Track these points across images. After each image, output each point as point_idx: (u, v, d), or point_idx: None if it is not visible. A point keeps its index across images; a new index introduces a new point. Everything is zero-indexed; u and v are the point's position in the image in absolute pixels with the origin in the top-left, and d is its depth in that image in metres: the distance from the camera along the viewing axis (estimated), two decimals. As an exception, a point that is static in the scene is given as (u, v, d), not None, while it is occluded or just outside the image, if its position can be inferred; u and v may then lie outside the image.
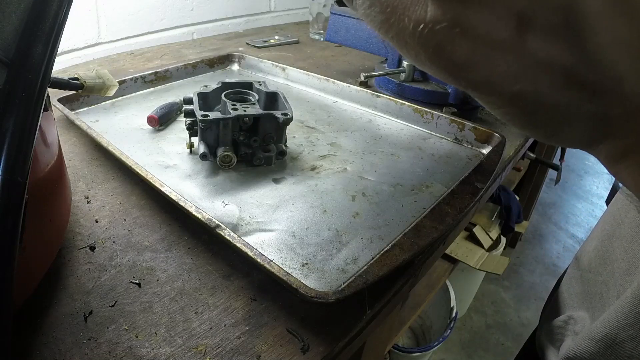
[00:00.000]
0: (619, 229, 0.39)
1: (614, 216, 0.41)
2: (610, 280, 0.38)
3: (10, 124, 0.23)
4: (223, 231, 0.38)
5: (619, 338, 0.33)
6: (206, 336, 0.32)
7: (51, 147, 0.35)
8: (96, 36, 0.90)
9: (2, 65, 0.24)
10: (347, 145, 0.60)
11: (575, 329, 0.41)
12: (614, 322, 0.33)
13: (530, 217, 1.90)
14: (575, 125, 0.15)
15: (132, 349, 0.31)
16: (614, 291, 0.37)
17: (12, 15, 0.24)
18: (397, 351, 1.08)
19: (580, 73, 0.13)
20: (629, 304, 0.32)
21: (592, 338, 0.36)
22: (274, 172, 0.53)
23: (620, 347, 0.33)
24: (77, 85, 0.42)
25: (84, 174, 0.50)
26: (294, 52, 1.02)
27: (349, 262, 0.40)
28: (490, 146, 0.59)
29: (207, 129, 0.50)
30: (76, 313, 0.33)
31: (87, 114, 0.64)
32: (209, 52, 0.97)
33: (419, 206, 0.48)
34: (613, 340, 0.34)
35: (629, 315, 0.32)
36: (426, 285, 1.05)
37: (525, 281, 1.73)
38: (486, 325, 1.54)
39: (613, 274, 0.38)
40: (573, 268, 0.47)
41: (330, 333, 0.33)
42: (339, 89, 0.75)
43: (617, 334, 0.33)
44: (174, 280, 0.37)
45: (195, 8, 1.07)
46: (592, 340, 0.36)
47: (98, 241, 0.40)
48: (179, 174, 0.51)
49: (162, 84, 0.76)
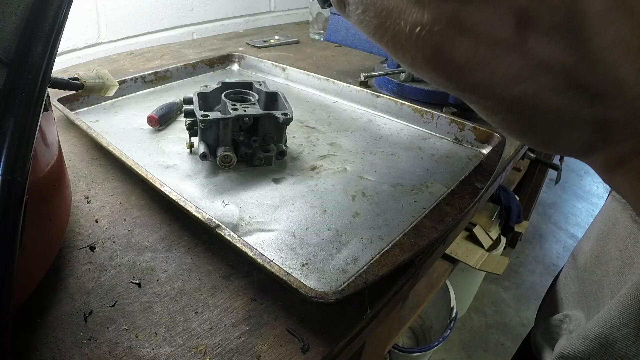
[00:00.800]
0: (614, 229, 0.39)
1: (609, 216, 0.41)
2: (604, 279, 0.39)
3: (10, 124, 0.23)
4: (223, 231, 0.38)
5: (612, 337, 0.33)
6: (206, 336, 0.32)
7: (51, 147, 0.35)
8: (96, 36, 0.90)
9: (2, 65, 0.24)
10: (347, 145, 0.60)
11: (570, 328, 0.41)
12: (608, 322, 0.33)
13: (530, 217, 1.90)
14: (574, 131, 0.14)
15: (132, 349, 0.31)
16: (608, 290, 0.37)
17: (12, 15, 0.24)
18: (397, 351, 1.08)
19: (580, 75, 0.13)
20: (622, 304, 0.32)
21: (586, 337, 0.36)
22: (274, 172, 0.53)
23: (613, 346, 0.33)
24: (77, 85, 0.42)
25: (84, 174, 0.50)
26: (294, 52, 1.02)
27: (349, 262, 0.40)
28: (490, 146, 0.59)
29: (207, 129, 0.50)
30: (76, 313, 0.33)
31: (87, 114, 0.64)
32: (209, 52, 0.97)
33: (419, 206, 0.48)
34: (607, 340, 0.34)
35: (622, 314, 0.32)
36: (426, 285, 1.05)
37: (525, 281, 1.73)
38: (486, 325, 1.54)
39: (608, 274, 0.38)
40: (569, 267, 0.47)
41: (330, 333, 0.33)
42: (339, 89, 0.75)
43: (610, 333, 0.33)
44: (174, 280, 0.37)
45: (195, 8, 1.07)
46: (586, 340, 0.36)
47: (98, 241, 0.40)
48: (179, 174, 0.51)
49: (162, 84, 0.76)
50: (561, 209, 2.22)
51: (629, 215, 0.37)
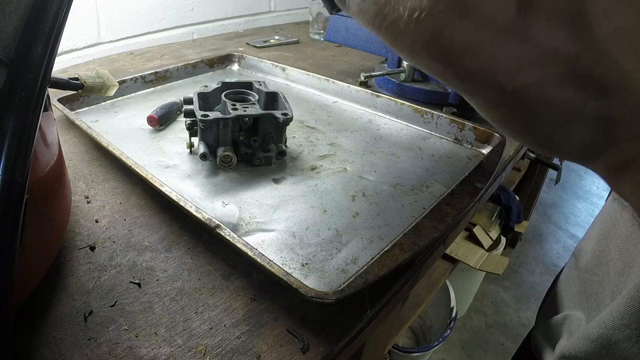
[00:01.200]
0: (615, 229, 0.39)
1: (610, 216, 0.41)
2: (605, 280, 0.38)
3: (10, 124, 0.23)
4: (223, 231, 0.38)
5: (614, 338, 0.33)
6: (206, 336, 0.32)
7: (51, 147, 0.35)
8: (96, 36, 0.90)
9: (2, 65, 0.24)
10: (347, 145, 0.60)
11: (570, 329, 0.41)
12: (610, 323, 0.33)
13: (530, 217, 1.90)
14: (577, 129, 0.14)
15: (132, 349, 0.31)
16: (608, 291, 0.37)
17: (12, 15, 0.24)
18: (397, 351, 1.08)
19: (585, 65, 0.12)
20: (624, 305, 0.32)
21: (587, 338, 0.35)
22: (274, 172, 0.53)
23: (615, 347, 0.33)
24: (77, 85, 0.42)
25: (84, 174, 0.50)
26: (294, 52, 1.02)
27: (349, 262, 0.40)
28: (490, 146, 0.59)
29: (207, 129, 0.50)
30: (76, 313, 0.33)
31: (87, 114, 0.64)
32: (209, 52, 0.97)
33: (419, 206, 0.48)
34: (608, 341, 0.33)
35: (624, 315, 0.32)
36: (426, 285, 1.05)
37: (525, 281, 1.73)
38: (486, 325, 1.54)
39: (608, 274, 0.38)
40: (571, 268, 0.47)
41: (330, 333, 0.33)
42: (339, 89, 0.75)
43: (612, 334, 0.33)
44: (174, 280, 0.37)
45: (195, 8, 1.07)
46: (587, 340, 0.35)
47: (98, 241, 0.40)
48: (179, 174, 0.51)
49: (162, 84, 0.76)
50: (561, 209, 2.22)
51: (629, 216, 0.37)
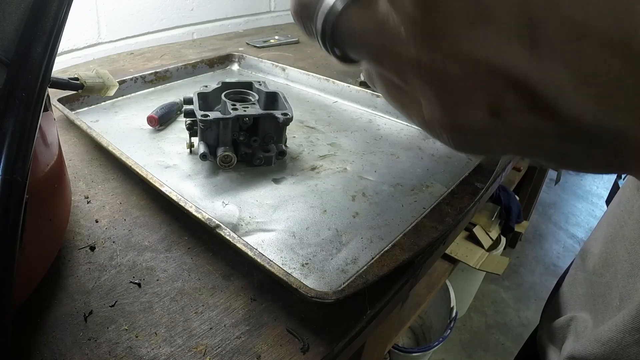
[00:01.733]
0: (622, 231, 0.39)
1: (617, 218, 0.41)
2: (613, 282, 0.38)
3: (10, 124, 0.23)
4: (223, 231, 0.38)
5: (624, 342, 0.33)
6: (206, 336, 0.32)
7: (51, 147, 0.35)
8: (96, 36, 0.90)
9: (2, 65, 0.24)
10: (347, 145, 0.60)
11: (577, 330, 0.41)
12: (621, 326, 0.33)
13: (530, 217, 1.89)
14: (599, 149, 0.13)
15: (132, 349, 0.31)
16: (616, 293, 0.37)
17: (12, 15, 0.24)
18: (397, 351, 1.08)
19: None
20: (635, 308, 0.32)
21: (598, 340, 0.35)
22: (274, 172, 0.53)
23: (625, 351, 0.33)
24: (77, 85, 0.42)
25: (84, 174, 0.50)
26: (294, 52, 1.02)
27: (349, 262, 0.40)
28: (490, 146, 0.59)
29: (207, 129, 0.50)
30: (76, 313, 0.33)
31: (87, 114, 0.64)
32: (209, 52, 0.97)
33: (419, 206, 0.48)
34: (618, 344, 0.33)
35: (635, 319, 0.32)
36: (426, 285, 1.05)
37: (525, 281, 1.73)
38: (486, 325, 1.54)
39: (616, 276, 0.38)
40: (577, 269, 0.47)
41: (330, 333, 0.33)
42: (339, 89, 0.75)
43: (623, 337, 0.33)
44: (174, 280, 0.37)
45: (195, 8, 1.07)
46: (598, 343, 0.35)
47: (98, 241, 0.40)
48: (179, 174, 0.51)
49: (162, 84, 0.76)
50: (561, 209, 2.22)
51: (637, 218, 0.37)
